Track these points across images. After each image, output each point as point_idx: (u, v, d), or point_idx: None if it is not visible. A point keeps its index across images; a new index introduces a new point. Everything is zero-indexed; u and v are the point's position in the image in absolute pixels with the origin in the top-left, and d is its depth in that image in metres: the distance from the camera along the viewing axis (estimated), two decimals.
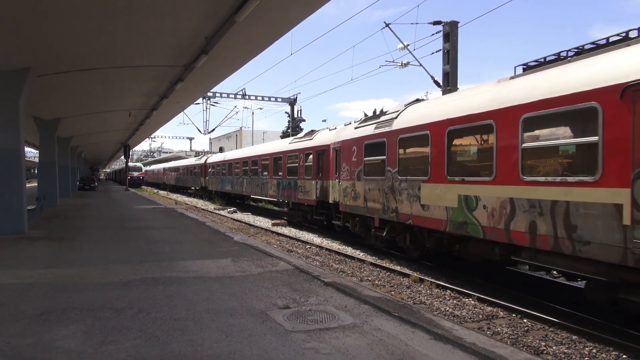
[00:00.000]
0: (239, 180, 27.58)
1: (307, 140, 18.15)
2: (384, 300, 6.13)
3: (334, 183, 14.87)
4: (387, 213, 11.21)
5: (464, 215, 8.52)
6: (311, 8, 9.26)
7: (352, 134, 13.46)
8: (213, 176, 34.50)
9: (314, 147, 17.29)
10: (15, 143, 11.86)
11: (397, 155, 10.93)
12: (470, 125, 8.59)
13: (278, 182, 20.81)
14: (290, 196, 19.33)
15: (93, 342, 4.42)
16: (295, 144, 19.50)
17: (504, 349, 4.40)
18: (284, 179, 20.04)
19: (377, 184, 11.68)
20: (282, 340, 4.55)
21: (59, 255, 9.12)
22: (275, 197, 21.66)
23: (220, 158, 33.32)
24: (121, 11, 8.86)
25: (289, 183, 19.34)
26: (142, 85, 16.17)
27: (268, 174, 22.34)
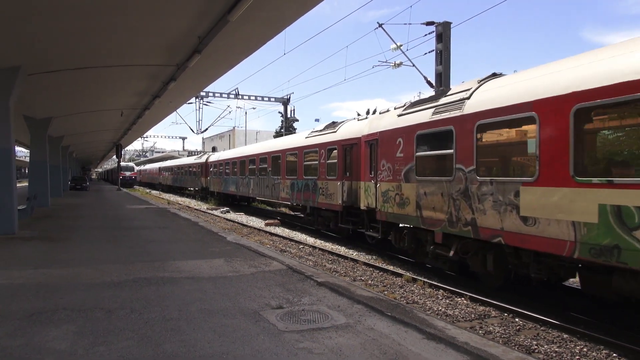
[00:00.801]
0: (244, 180, 24.80)
1: (330, 133, 15.36)
2: (377, 299, 6.14)
3: (367, 185, 12.16)
4: (457, 226, 8.56)
5: (614, 236, 5.79)
6: (304, 8, 9.26)
7: (394, 123, 10.87)
8: (215, 176, 31.62)
9: (339, 141, 14.51)
10: (5, 142, 11.75)
11: (474, 148, 8.13)
12: (627, 99, 5.71)
13: (292, 183, 17.89)
14: (307, 200, 16.36)
15: (84, 343, 4.39)
16: (314, 138, 16.44)
17: (495, 348, 4.42)
18: (299, 180, 17.21)
19: (439, 186, 9.06)
20: (275, 340, 4.55)
21: (50, 255, 9.05)
22: (288, 200, 18.66)
23: (224, 156, 30.44)
24: (113, 10, 8.80)
25: (306, 184, 16.49)
26: (135, 84, 16.07)
27: (280, 173, 19.42)
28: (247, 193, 24.71)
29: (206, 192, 34.08)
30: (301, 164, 17.12)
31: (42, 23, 9.23)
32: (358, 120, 14.37)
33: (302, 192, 16.85)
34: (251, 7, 8.31)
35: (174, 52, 11.86)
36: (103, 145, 46.38)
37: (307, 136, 17.34)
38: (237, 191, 26.36)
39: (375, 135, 11.69)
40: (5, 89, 11.52)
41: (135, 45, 11.49)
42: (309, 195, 16.26)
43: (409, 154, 10.16)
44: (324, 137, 15.69)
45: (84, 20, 9.25)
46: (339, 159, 14.32)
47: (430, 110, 9.61)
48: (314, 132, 17.00)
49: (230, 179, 27.58)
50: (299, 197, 17.35)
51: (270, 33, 10.77)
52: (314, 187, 15.83)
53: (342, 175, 14.18)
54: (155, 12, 9.13)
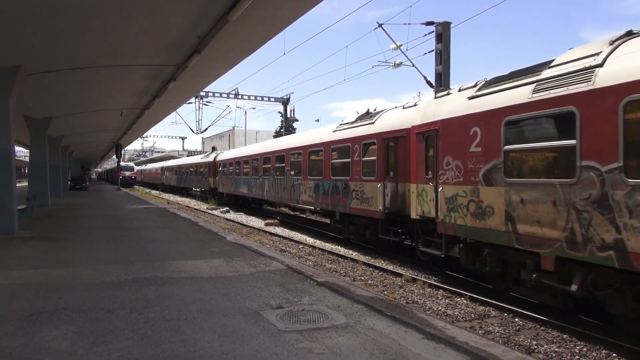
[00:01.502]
0: (258, 181, 22.38)
1: (365, 124, 12.92)
2: (376, 299, 6.14)
3: (422, 188, 9.74)
4: (584, 249, 6.11)
5: None
6: (304, 7, 9.25)
7: (464, 108, 8.47)
8: (225, 176, 29.09)
9: (378, 134, 12.10)
10: (5, 142, 11.75)
11: (619, 137, 5.71)
12: None
13: (317, 185, 15.40)
14: (336, 204, 14.07)
15: (84, 342, 4.39)
16: (344, 131, 14.11)
17: (495, 348, 4.43)
18: (326, 181, 14.75)
19: (549, 192, 6.61)
20: (275, 340, 4.55)
21: (50, 255, 9.04)
22: (310, 204, 16.30)
23: (234, 154, 28.00)
24: (112, 9, 8.80)
25: (335, 186, 14.11)
26: (134, 84, 16.07)
27: (301, 173, 16.89)
28: (260, 195, 22.16)
29: (214, 193, 31.98)
30: (328, 162, 14.67)
31: (42, 23, 9.23)
32: (403, 108, 12.03)
33: (330, 195, 14.47)
34: (251, 7, 8.31)
35: (174, 52, 11.86)
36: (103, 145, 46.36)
37: (335, 129, 14.71)
38: (250, 192, 23.98)
39: (433, 125, 9.27)
40: (5, 88, 11.52)
41: (135, 45, 11.49)
42: (337, 199, 13.95)
43: (492, 147, 7.72)
44: (357, 130, 13.21)
45: (84, 20, 9.26)
46: (379, 156, 11.90)
47: (527, 88, 7.21)
48: (343, 124, 14.59)
49: (242, 179, 25.28)
50: (324, 201, 14.86)
51: (270, 33, 10.77)
52: (345, 189, 13.47)
53: (383, 175, 11.74)
54: (155, 12, 9.13)
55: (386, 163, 11.85)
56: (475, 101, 8.31)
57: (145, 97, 18.30)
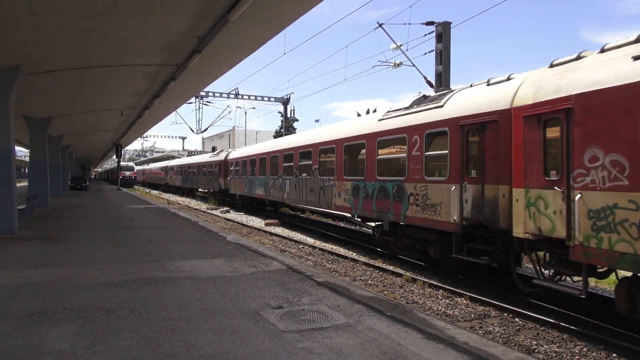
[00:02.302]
0: (277, 181, 19.66)
1: (429, 108, 10.02)
2: (376, 299, 6.14)
3: (535, 194, 7.01)
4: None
5: None
6: (304, 7, 9.26)
7: (631, 72, 5.84)
8: (237, 176, 26.34)
9: (452, 119, 9.13)
10: (5, 142, 11.75)
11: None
12: None
13: (356, 187, 12.66)
14: (384, 211, 11.24)
15: (84, 343, 4.39)
16: (396, 119, 11.10)
17: (495, 348, 4.43)
18: (369, 182, 11.97)
19: None
20: (275, 340, 4.55)
21: (50, 255, 9.04)
22: (346, 209, 13.50)
23: (248, 152, 25.15)
24: (113, 10, 8.80)
25: (383, 188, 11.35)
26: (134, 84, 16.07)
27: (333, 172, 14.21)
28: (280, 197, 19.47)
29: (225, 194, 29.43)
30: (372, 158, 11.93)
31: (42, 23, 9.23)
32: (488, 85, 9.09)
33: (374, 200, 11.70)
34: (251, 7, 8.31)
35: (174, 52, 11.86)
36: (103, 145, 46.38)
37: (382, 117, 11.86)
38: (267, 194, 21.22)
39: (560, 103, 6.68)
40: (5, 88, 11.52)
41: (135, 45, 11.49)
42: (386, 205, 11.14)
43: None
44: (417, 117, 10.31)
45: (84, 21, 9.26)
46: (453, 149, 9.04)
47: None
48: (392, 111, 11.63)
49: (257, 179, 22.63)
50: (367, 207, 12.10)
51: (270, 33, 10.78)
52: (398, 193, 10.70)
53: (459, 174, 8.84)
54: (155, 12, 9.14)
55: (464, 158, 8.81)
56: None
57: (145, 97, 18.30)
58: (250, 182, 23.92)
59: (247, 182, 24.47)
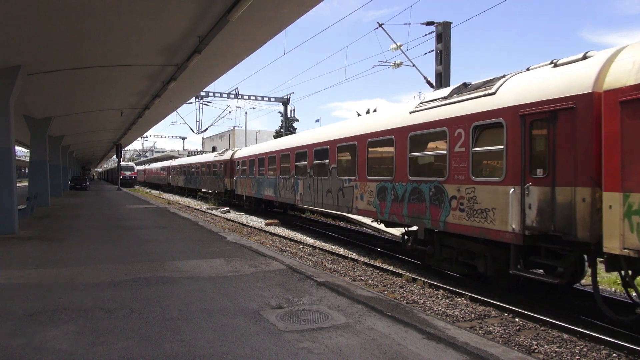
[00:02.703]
0: (288, 182, 18.24)
1: (478, 96, 8.56)
2: (377, 299, 6.14)
3: (637, 200, 5.84)
4: None
5: None
6: (304, 7, 9.26)
7: None
8: (244, 176, 24.92)
9: (510, 108, 7.70)
10: (5, 142, 11.77)
11: None
12: None
13: (382, 188, 11.29)
14: (418, 216, 9.92)
15: (84, 342, 4.39)
16: (433, 110, 9.68)
17: (495, 348, 4.43)
18: (399, 182, 10.61)
19: None
20: (275, 340, 4.55)
21: (50, 255, 9.05)
22: (370, 213, 12.08)
23: (256, 151, 23.73)
24: (113, 10, 8.81)
25: (416, 190, 9.98)
26: (135, 84, 16.08)
27: (354, 172, 12.74)
28: (292, 199, 17.96)
29: (231, 195, 28.13)
30: (403, 156, 10.50)
31: (43, 23, 9.24)
32: (555, 66, 7.54)
33: (406, 203, 10.30)
34: (251, 7, 8.32)
35: (174, 52, 11.87)
36: (103, 145, 46.42)
37: (415, 109, 10.40)
38: (277, 196, 19.78)
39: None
40: (5, 88, 11.54)
41: (136, 45, 11.49)
42: (421, 209, 9.81)
43: None
44: (461, 107, 8.90)
45: (84, 21, 9.26)
46: (511, 144, 7.59)
47: None
48: (426, 102, 10.19)
49: (266, 179, 21.18)
50: (396, 211, 10.68)
51: (270, 33, 10.78)
52: (437, 195, 9.33)
53: (519, 174, 7.39)
54: (155, 12, 9.14)
55: (526, 155, 7.39)
56: None
57: (145, 97, 18.31)
58: (258, 182, 22.47)
59: (255, 182, 23.01)
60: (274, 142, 22.54)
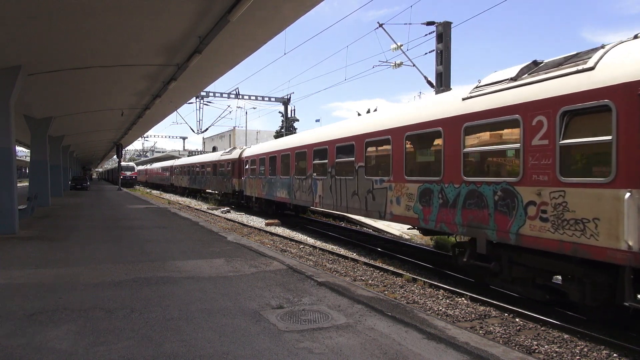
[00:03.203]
0: (305, 182, 16.41)
1: (565, 74, 6.84)
2: (377, 299, 6.14)
3: None
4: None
5: None
6: (304, 7, 9.26)
7: None
8: (254, 176, 23.26)
9: (618, 88, 5.97)
10: (6, 142, 11.77)
11: None
12: None
13: (426, 191, 9.51)
14: (478, 225, 8.10)
15: (85, 342, 4.39)
16: (496, 95, 8.01)
17: (496, 348, 4.42)
18: (449, 184, 8.84)
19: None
20: (276, 340, 4.55)
21: (50, 255, 9.05)
22: (410, 220, 10.22)
23: (268, 148, 21.86)
24: (113, 10, 8.81)
25: (475, 193, 8.21)
26: (135, 84, 16.08)
27: (389, 171, 10.86)
28: (310, 201, 16.10)
29: (239, 197, 26.44)
30: (455, 151, 8.68)
31: (43, 23, 9.24)
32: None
33: (460, 209, 8.51)
34: (251, 7, 8.32)
35: (174, 52, 11.87)
36: (103, 145, 46.44)
37: (469, 95, 8.64)
38: (292, 198, 17.99)
39: None
40: (5, 88, 11.54)
41: (136, 45, 11.50)
42: (482, 217, 7.98)
43: None
44: (538, 89, 7.17)
45: (84, 21, 9.27)
46: (624, 134, 5.86)
47: None
48: (484, 86, 8.40)
49: (279, 180, 19.40)
50: (446, 218, 8.87)
51: (270, 33, 10.78)
52: (506, 199, 7.54)
53: (637, 174, 5.73)
54: (156, 12, 9.14)
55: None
56: None
57: (145, 97, 18.32)
58: (270, 183, 20.71)
59: (266, 183, 21.28)
60: (286, 139, 20.63)
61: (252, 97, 37.43)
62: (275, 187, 19.94)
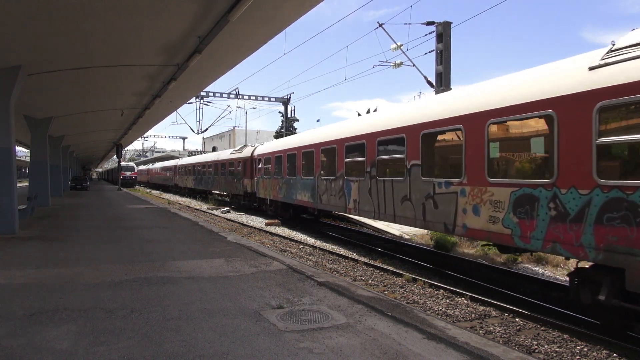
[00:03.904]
0: (334, 184, 13.94)
1: None
2: (377, 299, 6.14)
3: None
4: None
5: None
6: (304, 8, 9.27)
7: None
8: (268, 177, 20.89)
9: None
10: (6, 142, 11.77)
11: None
12: None
13: (525, 197, 7.12)
14: (623, 250, 5.62)
15: (85, 342, 4.39)
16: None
17: (496, 348, 4.42)
18: (567, 189, 6.44)
19: None
20: (276, 340, 4.55)
21: (50, 255, 9.05)
22: (499, 236, 7.64)
23: (284, 145, 19.49)
24: (113, 10, 8.81)
25: (619, 204, 5.69)
26: (135, 84, 16.08)
27: (460, 171, 8.58)
28: (340, 206, 13.53)
29: (251, 199, 24.41)
30: (580, 143, 6.30)
31: (43, 23, 9.24)
32: None
33: (590, 225, 6.08)
34: (251, 7, 8.32)
35: (174, 52, 11.87)
36: (103, 145, 46.43)
37: (601, 63, 6.19)
38: (315, 201, 15.49)
39: None
40: (5, 88, 11.55)
41: (136, 45, 11.50)
42: (636, 238, 5.53)
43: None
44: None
45: (84, 21, 9.27)
46: None
47: None
48: (623, 50, 6.04)
49: (300, 181, 16.92)
50: (565, 236, 6.46)
51: (270, 33, 10.78)
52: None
53: None
54: (156, 12, 9.14)
55: None
56: None
57: (145, 97, 18.32)
58: (288, 184, 18.21)
59: (283, 184, 18.78)
60: (308, 134, 17.86)
61: (252, 97, 37.43)
62: (294, 188, 17.54)
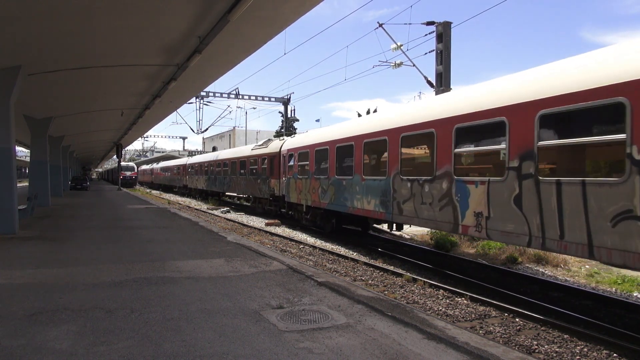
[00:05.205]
0: (428, 188, 9.48)
1: None
2: (377, 299, 6.14)
3: None
4: None
5: None
6: (304, 8, 9.26)
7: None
8: (303, 177, 16.77)
9: None
10: (6, 142, 11.77)
11: None
12: None
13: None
14: None
15: (85, 342, 4.39)
16: None
17: (496, 348, 4.42)
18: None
19: None
20: (276, 340, 4.55)
21: (50, 255, 9.05)
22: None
23: (332, 136, 14.77)
24: (113, 10, 8.81)
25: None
26: (135, 84, 16.08)
27: None
28: (448, 223, 8.96)
29: (280, 203, 20.35)
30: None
31: (43, 23, 9.24)
32: None
33: None
34: (251, 7, 8.32)
35: (174, 52, 11.87)
36: (103, 145, 46.43)
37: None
38: (389, 211, 11.09)
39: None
40: (5, 88, 11.54)
41: (136, 45, 11.50)
42: None
43: None
44: None
45: (85, 21, 9.27)
46: None
47: None
48: None
49: (359, 183, 12.57)
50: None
51: (270, 33, 10.78)
52: None
53: None
54: (156, 12, 9.14)
55: None
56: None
57: (145, 97, 18.32)
58: (337, 186, 13.94)
59: (329, 186, 14.53)
60: (371, 119, 13.38)
61: (252, 97, 37.43)
62: (348, 192, 13.29)
